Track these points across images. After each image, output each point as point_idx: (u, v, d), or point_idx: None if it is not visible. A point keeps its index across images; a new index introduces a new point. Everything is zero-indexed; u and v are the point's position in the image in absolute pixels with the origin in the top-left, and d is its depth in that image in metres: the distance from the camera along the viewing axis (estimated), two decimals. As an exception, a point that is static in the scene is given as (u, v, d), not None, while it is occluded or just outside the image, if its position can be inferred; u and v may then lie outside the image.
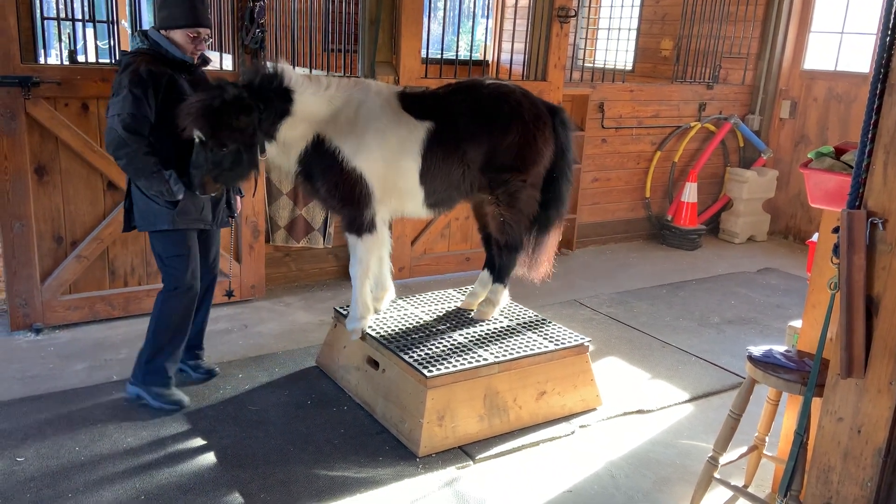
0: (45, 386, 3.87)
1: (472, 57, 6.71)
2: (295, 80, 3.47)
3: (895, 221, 2.14)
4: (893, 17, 2.12)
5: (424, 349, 3.64)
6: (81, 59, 5.10)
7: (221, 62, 5.31)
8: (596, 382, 3.94)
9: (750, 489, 3.20)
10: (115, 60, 4.65)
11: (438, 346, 3.70)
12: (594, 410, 3.91)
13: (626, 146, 7.03)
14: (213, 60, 4.36)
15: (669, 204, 7.39)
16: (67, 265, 4.50)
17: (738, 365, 4.51)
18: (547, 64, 5.97)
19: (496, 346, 3.74)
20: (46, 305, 4.48)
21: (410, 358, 3.54)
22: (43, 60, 4.85)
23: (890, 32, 2.13)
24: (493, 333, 3.90)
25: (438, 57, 5.82)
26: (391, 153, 3.60)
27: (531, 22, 6.00)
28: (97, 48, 5.45)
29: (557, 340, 3.84)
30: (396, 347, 3.64)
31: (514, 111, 3.76)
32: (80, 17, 4.79)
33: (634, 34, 8.22)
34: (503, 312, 4.19)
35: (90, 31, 5.29)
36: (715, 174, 7.65)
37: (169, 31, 3.44)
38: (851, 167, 2.48)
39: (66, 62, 4.71)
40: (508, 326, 4.01)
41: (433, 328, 3.93)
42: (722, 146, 7.58)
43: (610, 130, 6.87)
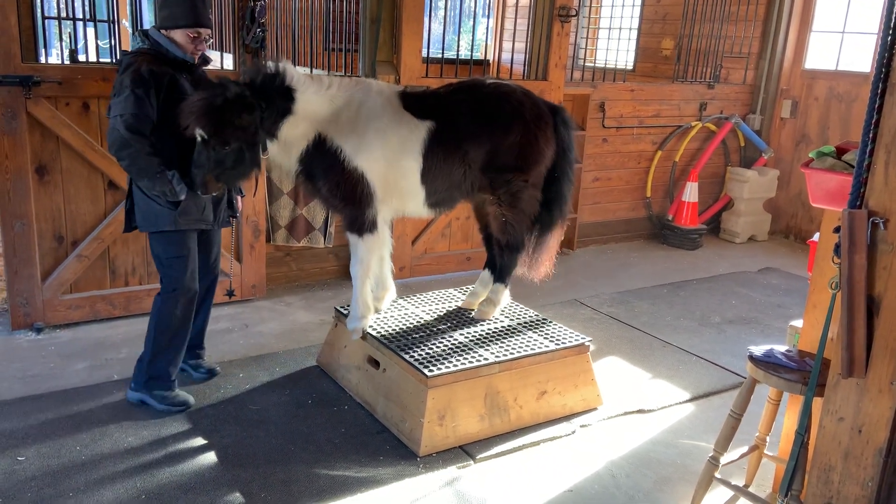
0: (45, 385, 3.88)
1: (472, 56, 6.70)
2: (297, 78, 3.46)
3: (896, 221, 2.15)
4: (895, 16, 2.12)
5: (425, 349, 3.64)
6: (82, 58, 5.12)
7: (222, 61, 5.31)
8: (597, 382, 3.94)
9: (751, 489, 3.20)
10: (115, 60, 4.66)
11: (439, 345, 3.70)
12: (595, 410, 3.91)
13: (626, 146, 7.03)
14: (213, 60, 4.36)
15: (670, 203, 7.39)
16: (68, 264, 4.50)
17: (738, 365, 4.51)
18: (548, 63, 5.96)
19: (497, 345, 3.74)
20: (47, 305, 4.48)
21: (411, 357, 3.54)
22: (44, 60, 4.85)
23: (891, 32, 2.13)
24: (493, 333, 3.90)
25: (439, 56, 5.83)
26: (392, 153, 3.60)
27: (532, 21, 6.00)
28: (98, 47, 5.47)
29: (558, 340, 3.84)
30: (397, 347, 3.64)
31: (515, 111, 3.76)
32: (80, 16, 4.80)
33: (635, 34, 8.22)
34: (504, 312, 4.18)
35: (91, 30, 5.28)
36: (716, 174, 7.65)
37: (169, 30, 3.43)
38: (853, 167, 2.48)
39: (66, 61, 4.72)
40: (509, 326, 4.00)
41: (434, 328, 3.93)
42: (723, 146, 7.58)
43: (611, 130, 6.87)
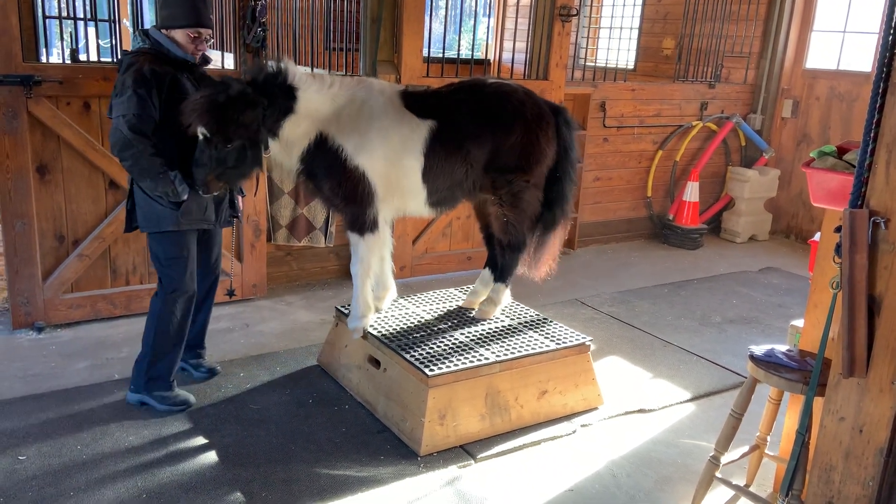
0: (46, 384, 3.88)
1: (473, 56, 6.69)
2: (299, 77, 3.46)
3: (897, 221, 2.14)
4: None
5: (426, 348, 3.64)
6: (83, 57, 5.11)
7: (223, 61, 5.31)
8: (597, 381, 3.94)
9: (751, 489, 3.20)
10: (116, 59, 4.65)
11: (440, 345, 3.70)
12: (596, 409, 3.91)
13: (627, 145, 7.03)
14: (213, 60, 4.36)
15: (671, 203, 7.38)
16: (69, 264, 4.51)
17: (739, 364, 4.51)
18: (548, 63, 5.96)
19: (497, 345, 3.74)
20: (48, 304, 4.48)
21: (412, 357, 3.54)
22: (45, 59, 4.85)
23: (892, 31, 2.13)
24: (494, 332, 3.90)
25: (440, 56, 5.82)
26: (394, 152, 3.60)
27: (533, 21, 5.99)
28: (99, 47, 5.47)
29: (559, 339, 3.84)
30: (398, 346, 3.64)
31: (516, 111, 3.76)
32: (81, 15, 4.79)
33: (636, 33, 8.22)
34: (504, 311, 4.18)
35: (92, 29, 5.28)
36: (716, 173, 7.64)
37: (170, 30, 3.42)
38: (854, 166, 2.48)
39: (67, 61, 4.72)
40: (510, 325, 4.00)
41: (434, 327, 3.93)
42: (724, 145, 7.58)
43: (611, 129, 6.86)
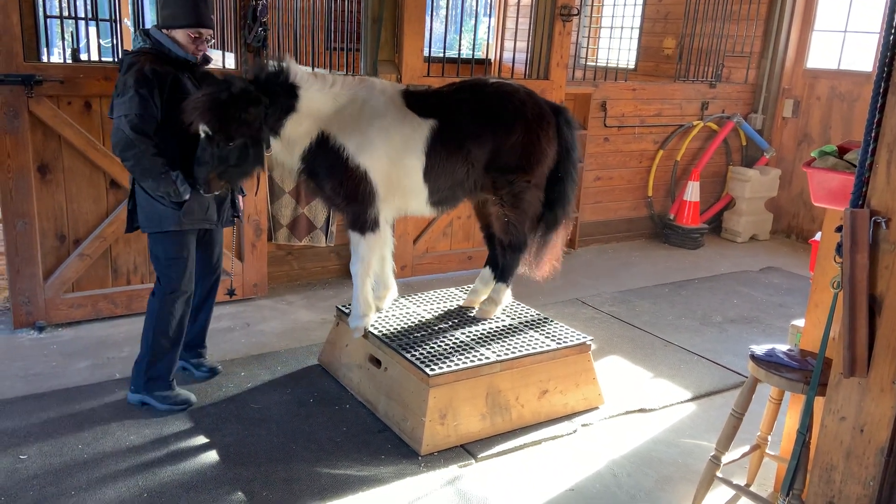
0: (48, 384, 3.88)
1: (474, 55, 6.69)
2: (301, 76, 3.47)
3: (898, 220, 2.14)
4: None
5: (426, 347, 3.64)
6: (84, 57, 5.11)
7: (224, 60, 5.31)
8: (598, 381, 3.94)
9: (752, 488, 3.20)
10: (117, 59, 4.66)
11: (440, 344, 3.70)
12: (596, 409, 3.91)
13: (628, 145, 7.03)
14: (214, 59, 4.36)
15: (672, 203, 7.38)
16: (70, 263, 4.51)
17: (740, 364, 4.51)
18: (549, 62, 5.96)
19: (498, 344, 3.74)
20: (49, 303, 4.49)
21: (412, 356, 3.54)
22: (46, 59, 4.84)
23: (893, 31, 2.13)
24: (495, 332, 3.90)
25: (441, 55, 5.82)
26: (395, 151, 3.60)
27: (533, 20, 5.99)
28: (100, 46, 5.47)
29: (559, 339, 3.84)
30: (398, 346, 3.64)
31: (517, 111, 3.76)
32: (82, 15, 4.79)
33: (637, 33, 8.21)
34: (505, 311, 4.18)
35: (93, 29, 5.28)
36: (717, 173, 7.64)
37: (171, 30, 3.43)
38: (855, 166, 2.48)
39: (68, 60, 4.72)
40: (510, 325, 4.00)
41: (435, 326, 3.93)
42: (724, 145, 7.58)
43: (612, 129, 6.86)
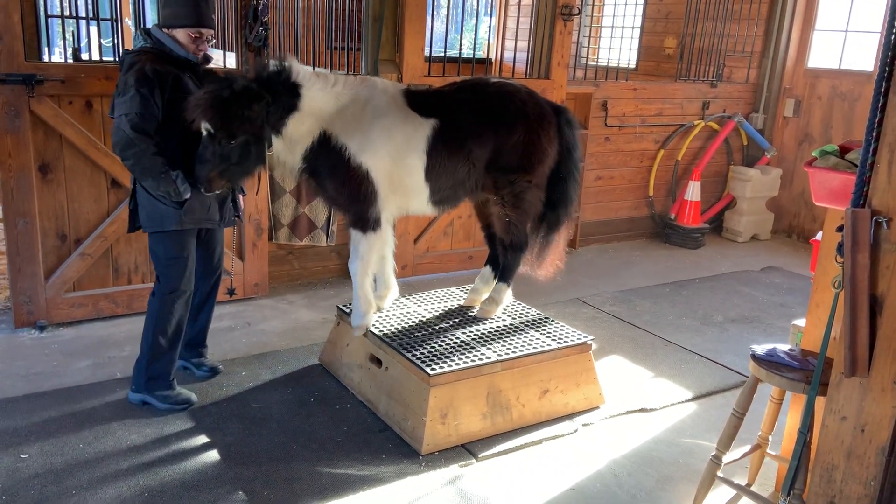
0: (49, 383, 3.88)
1: (474, 55, 6.68)
2: (303, 75, 3.47)
3: (899, 220, 2.14)
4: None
5: (427, 347, 3.64)
6: (85, 56, 5.11)
7: (225, 60, 5.31)
8: (599, 381, 3.94)
9: (753, 488, 3.20)
10: (118, 58, 4.66)
11: (441, 344, 3.70)
12: (597, 409, 3.91)
13: (629, 144, 7.02)
14: (214, 59, 4.36)
15: (673, 202, 7.38)
16: (71, 263, 4.51)
17: (741, 364, 4.51)
18: (550, 62, 5.95)
19: (499, 344, 3.74)
20: (50, 303, 4.49)
21: (413, 356, 3.54)
22: (47, 58, 4.84)
23: (894, 31, 2.13)
24: (495, 332, 3.90)
25: (441, 55, 5.82)
26: (397, 150, 3.60)
27: (534, 20, 5.99)
28: (101, 46, 5.46)
29: (560, 339, 3.84)
30: (399, 345, 3.64)
31: (518, 110, 3.76)
32: (83, 14, 4.79)
33: (638, 32, 8.21)
34: (506, 311, 4.18)
35: (94, 28, 5.28)
36: (718, 173, 7.64)
37: (172, 29, 3.43)
38: (856, 166, 2.48)
39: (69, 60, 4.72)
40: (511, 325, 4.00)
41: (436, 326, 3.93)
42: (725, 144, 7.57)
43: (613, 129, 6.86)
